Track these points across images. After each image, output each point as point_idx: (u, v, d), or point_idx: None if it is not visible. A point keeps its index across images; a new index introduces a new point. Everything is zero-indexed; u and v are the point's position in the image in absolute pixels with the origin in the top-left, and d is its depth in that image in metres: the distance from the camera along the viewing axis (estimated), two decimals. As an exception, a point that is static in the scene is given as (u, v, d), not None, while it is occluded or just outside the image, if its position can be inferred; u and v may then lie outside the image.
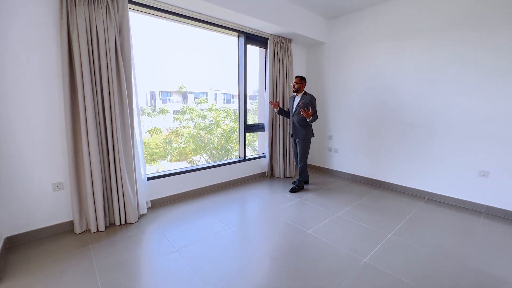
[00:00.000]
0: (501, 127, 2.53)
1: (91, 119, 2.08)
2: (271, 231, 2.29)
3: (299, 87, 3.09)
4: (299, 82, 3.08)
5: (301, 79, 3.10)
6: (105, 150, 2.24)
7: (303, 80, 3.11)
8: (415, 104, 3.11)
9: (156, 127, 5.56)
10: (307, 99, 3.02)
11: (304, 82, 3.11)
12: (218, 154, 6.48)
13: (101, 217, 2.20)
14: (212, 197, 3.08)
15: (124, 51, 2.26)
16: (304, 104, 3.02)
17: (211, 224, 2.39)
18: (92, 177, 2.15)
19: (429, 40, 2.92)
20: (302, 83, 3.09)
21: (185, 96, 6.90)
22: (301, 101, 3.07)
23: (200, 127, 6.17)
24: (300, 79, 3.09)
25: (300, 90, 3.10)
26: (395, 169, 3.38)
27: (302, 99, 3.07)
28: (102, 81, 2.15)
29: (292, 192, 3.22)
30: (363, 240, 2.11)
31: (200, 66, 6.53)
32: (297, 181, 3.32)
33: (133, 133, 2.41)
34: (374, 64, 3.45)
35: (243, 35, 3.38)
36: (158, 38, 5.19)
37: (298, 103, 3.10)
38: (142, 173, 2.57)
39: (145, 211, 2.57)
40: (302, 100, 3.06)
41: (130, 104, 2.34)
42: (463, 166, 2.80)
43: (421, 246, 2.04)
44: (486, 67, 2.57)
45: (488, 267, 1.77)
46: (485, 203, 2.69)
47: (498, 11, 2.46)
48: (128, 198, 2.33)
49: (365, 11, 3.48)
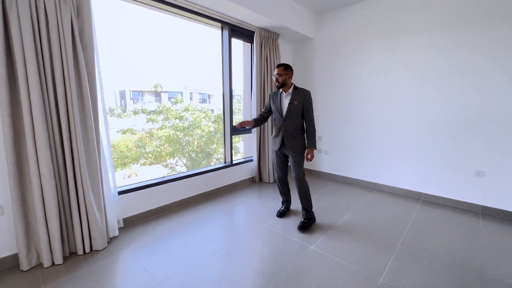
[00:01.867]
0: (496, 126, 2.48)
1: (39, 123, 1.61)
2: (270, 249, 1.98)
3: (284, 79, 2.17)
4: (283, 73, 2.16)
5: (286, 67, 2.18)
6: (61, 161, 1.78)
7: (288, 69, 2.18)
8: (408, 103, 3.00)
9: (129, 127, 4.99)
10: (301, 97, 2.19)
11: (290, 71, 2.19)
12: (198, 157, 6.06)
13: (57, 246, 1.73)
14: (197, 209, 2.70)
15: (84, 37, 1.81)
16: (299, 103, 2.19)
17: (198, 243, 2.03)
18: (43, 197, 1.68)
19: (421, 36, 2.82)
20: (287, 73, 2.17)
21: (159, 95, 6.39)
22: (295, 99, 2.20)
23: (178, 128, 5.69)
24: (284, 68, 2.17)
25: (287, 85, 2.21)
26: (388, 170, 3.26)
27: (295, 97, 2.20)
28: (55, 74, 1.69)
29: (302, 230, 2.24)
30: (373, 254, 1.90)
31: (174, 63, 6.01)
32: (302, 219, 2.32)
33: (99, 138, 1.96)
34: (365, 61, 3.31)
35: (228, 27, 3.04)
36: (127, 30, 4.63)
37: (291, 103, 2.22)
38: (112, 186, 2.13)
39: (116, 233, 2.13)
40: (296, 98, 2.19)
41: (94, 103, 1.89)
42: (459, 166, 2.73)
43: (433, 256, 1.87)
44: (479, 67, 2.51)
45: (510, 279, 1.64)
46: (481, 203, 2.65)
47: (490, 11, 2.41)
48: (94, 219, 1.88)
49: (355, 6, 3.33)
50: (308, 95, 2.21)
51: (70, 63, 1.71)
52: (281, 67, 2.18)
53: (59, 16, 1.65)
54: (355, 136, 3.52)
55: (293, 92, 2.23)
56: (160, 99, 6.32)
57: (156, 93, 6.42)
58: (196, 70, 6.53)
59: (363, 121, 3.42)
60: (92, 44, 1.84)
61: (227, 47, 3.10)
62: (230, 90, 3.20)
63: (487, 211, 2.61)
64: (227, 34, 3.07)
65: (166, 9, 2.50)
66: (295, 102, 2.19)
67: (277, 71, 2.18)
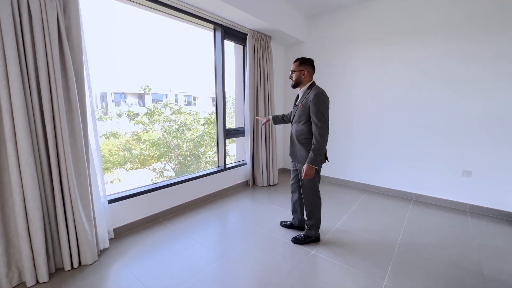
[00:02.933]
0: (482, 127, 2.60)
1: (22, 127, 1.47)
2: (271, 256, 1.93)
3: (298, 77, 1.89)
4: (297, 69, 1.89)
5: (302, 62, 1.89)
6: (46, 168, 1.64)
7: (304, 64, 1.88)
8: (398, 105, 3.09)
9: (114, 130, 4.77)
10: (309, 98, 1.83)
11: (307, 67, 1.88)
12: (187, 160, 5.92)
13: (41, 262, 1.58)
14: (192, 216, 2.60)
15: (72, 36, 1.69)
16: (304, 107, 1.86)
17: (196, 253, 1.94)
18: (26, 209, 1.54)
19: (412, 41, 2.92)
20: (303, 70, 1.87)
21: (142, 98, 6.18)
22: (302, 101, 1.90)
23: (167, 131, 5.53)
24: (300, 63, 1.89)
25: (303, 82, 1.91)
26: (379, 172, 3.33)
27: (304, 98, 1.89)
28: (39, 76, 1.56)
29: (294, 242, 2.09)
30: (373, 256, 1.90)
31: (160, 65, 5.80)
32: (302, 233, 2.11)
33: (87, 143, 1.83)
34: (354, 64, 3.37)
35: (220, 28, 2.98)
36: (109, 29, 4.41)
37: (297, 105, 1.98)
38: (101, 195, 2.00)
39: (106, 245, 1.99)
40: (303, 100, 1.89)
41: (82, 106, 1.77)
42: (447, 166, 2.83)
43: (431, 256, 1.91)
44: (467, 70, 2.63)
45: (506, 276, 1.70)
46: (469, 202, 2.76)
47: (484, 15, 2.53)
48: (83, 231, 1.75)
49: (345, 11, 3.39)
50: (316, 96, 1.79)
51: (56, 64, 1.58)
52: (297, 62, 1.90)
53: (44, 13, 1.53)
54: (346, 138, 3.57)
55: (304, 92, 1.92)
56: (144, 101, 6.11)
57: (139, 95, 6.20)
58: (182, 72, 6.36)
59: (354, 124, 3.47)
60: (80, 43, 1.72)
61: (220, 49, 3.04)
62: (223, 92, 3.14)
63: (475, 210, 2.72)
64: (220, 35, 3.01)
65: (158, 8, 2.40)
66: (300, 105, 1.91)
67: (292, 67, 1.93)
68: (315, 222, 2.05)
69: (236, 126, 3.74)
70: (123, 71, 5.40)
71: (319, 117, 1.78)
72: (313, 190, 1.99)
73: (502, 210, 2.57)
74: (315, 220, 2.04)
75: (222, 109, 3.16)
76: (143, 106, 5.90)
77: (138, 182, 5.39)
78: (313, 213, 2.03)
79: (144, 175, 5.52)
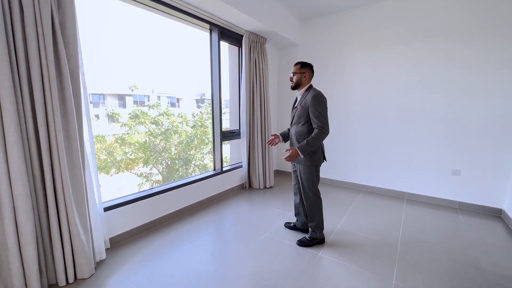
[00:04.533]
0: (469, 127, 2.75)
1: (12, 132, 1.34)
2: (279, 260, 1.90)
3: (299, 79, 1.95)
4: (298, 71, 1.94)
5: (303, 66, 1.95)
6: (39, 176, 1.51)
7: (305, 67, 1.95)
8: (389, 108, 3.19)
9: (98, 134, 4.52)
10: (308, 99, 1.88)
11: (307, 70, 1.95)
12: (175, 164, 5.76)
13: (33, 279, 1.45)
14: (191, 221, 2.51)
15: (67, 32, 1.57)
16: (303, 108, 1.91)
17: (199, 260, 1.86)
18: (16, 220, 1.40)
19: (405, 45, 3.03)
20: (304, 73, 1.94)
21: (123, 99, 5.93)
22: (300, 103, 1.95)
23: (154, 134, 5.34)
24: (301, 66, 1.95)
25: (303, 84, 1.97)
26: (374, 172, 3.41)
27: (302, 99, 1.94)
28: (32, 74, 1.43)
29: (299, 244, 2.08)
30: (379, 256, 1.93)
31: (143, 64, 5.53)
32: (307, 235, 2.12)
33: (83, 148, 1.71)
34: (349, 67, 3.45)
35: (217, 29, 2.93)
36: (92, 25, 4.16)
37: (296, 107, 2.03)
38: (97, 202, 1.87)
39: (103, 256, 1.87)
40: (302, 102, 1.94)
41: (78, 108, 1.65)
42: (438, 166, 2.96)
43: (432, 254, 1.97)
44: (458, 73, 2.77)
45: (502, 269, 1.78)
46: (458, 200, 2.89)
47: (482, 18, 2.68)
48: (79, 243, 1.62)
49: (339, 14, 3.46)
50: (315, 97, 1.84)
51: (50, 61, 1.46)
52: (297, 65, 1.96)
53: (37, 6, 1.41)
54: (340, 140, 3.63)
55: (302, 94, 1.97)
56: (125, 103, 5.87)
57: (119, 96, 5.95)
58: (166, 73, 6.14)
59: (348, 125, 3.55)
60: (76, 40, 1.61)
61: (217, 50, 2.98)
62: (220, 94, 3.08)
63: (464, 207, 2.86)
64: (217, 36, 2.96)
65: (154, 6, 2.31)
66: (299, 106, 1.95)
67: (293, 69, 1.98)
68: (318, 223, 2.05)
69: (231, 128, 3.68)
70: (103, 71, 5.06)
71: (318, 117, 1.83)
72: (312, 189, 2.00)
73: (490, 206, 2.72)
74: (317, 221, 2.05)
75: (218, 111, 3.10)
76: (124, 108, 5.63)
77: (121, 187, 5.16)
78: (314, 214, 2.04)
79: (128, 180, 5.29)
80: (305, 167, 1.96)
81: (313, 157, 1.93)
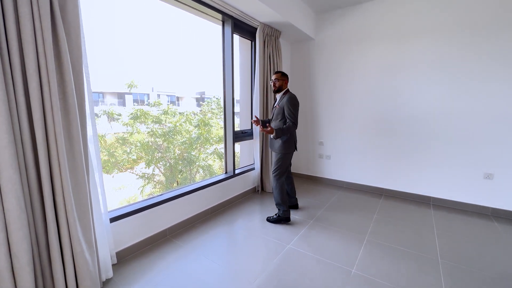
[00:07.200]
0: (503, 129, 2.53)
1: (3, 136, 1.11)
2: (309, 279, 1.68)
3: (281, 85, 2.44)
4: (280, 79, 2.43)
5: (283, 75, 2.46)
6: (36, 187, 1.28)
7: (285, 76, 2.47)
8: (415, 106, 2.97)
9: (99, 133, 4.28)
10: (284, 101, 2.37)
11: (286, 78, 2.48)
12: (178, 164, 5.54)
13: (30, 307, 1.22)
14: (204, 231, 2.28)
15: (68, 17, 1.34)
16: (280, 107, 2.39)
17: (220, 276, 1.64)
18: (8, 241, 1.17)
19: (431, 40, 2.80)
20: (284, 80, 2.46)
21: (122, 97, 5.71)
22: (279, 103, 2.43)
23: (156, 134, 5.10)
24: (281, 75, 2.45)
25: (282, 89, 2.47)
26: (397, 175, 3.20)
27: (280, 101, 2.43)
28: (26, 65, 1.20)
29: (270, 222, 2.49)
30: (421, 272, 1.72)
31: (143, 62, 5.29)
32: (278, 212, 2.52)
33: (87, 152, 1.48)
34: (370, 64, 3.22)
35: (230, 20, 2.69)
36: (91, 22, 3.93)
37: (275, 106, 2.49)
38: (103, 212, 1.64)
39: (110, 274, 1.64)
40: (280, 103, 2.42)
41: (81, 105, 1.42)
42: (468, 169, 2.75)
43: (479, 270, 1.76)
44: (488, 70, 2.55)
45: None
46: (491, 206, 2.68)
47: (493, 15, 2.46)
48: (83, 262, 1.40)
49: (357, 7, 3.23)
50: (289, 99, 2.33)
51: (48, 50, 1.23)
52: (279, 73, 2.45)
53: (33, -17, 1.17)
54: (362, 142, 3.41)
55: (281, 96, 2.45)
56: (124, 101, 5.65)
57: (119, 95, 5.73)
58: (166, 71, 5.89)
59: (366, 125, 3.32)
60: (78, 26, 1.38)
61: (230, 44, 2.75)
62: (232, 92, 2.85)
63: (498, 213, 2.64)
64: (230, 29, 2.72)
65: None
66: (277, 106, 2.43)
67: (275, 76, 2.45)
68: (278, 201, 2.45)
69: (242, 128, 3.46)
70: (102, 69, 4.82)
71: (290, 115, 2.33)
72: (277, 172, 2.43)
73: (528, 213, 2.51)
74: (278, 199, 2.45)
75: (231, 109, 2.87)
76: (123, 107, 5.41)
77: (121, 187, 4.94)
78: (277, 193, 2.44)
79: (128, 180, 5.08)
80: (277, 154, 2.45)
81: (283, 148, 2.39)
